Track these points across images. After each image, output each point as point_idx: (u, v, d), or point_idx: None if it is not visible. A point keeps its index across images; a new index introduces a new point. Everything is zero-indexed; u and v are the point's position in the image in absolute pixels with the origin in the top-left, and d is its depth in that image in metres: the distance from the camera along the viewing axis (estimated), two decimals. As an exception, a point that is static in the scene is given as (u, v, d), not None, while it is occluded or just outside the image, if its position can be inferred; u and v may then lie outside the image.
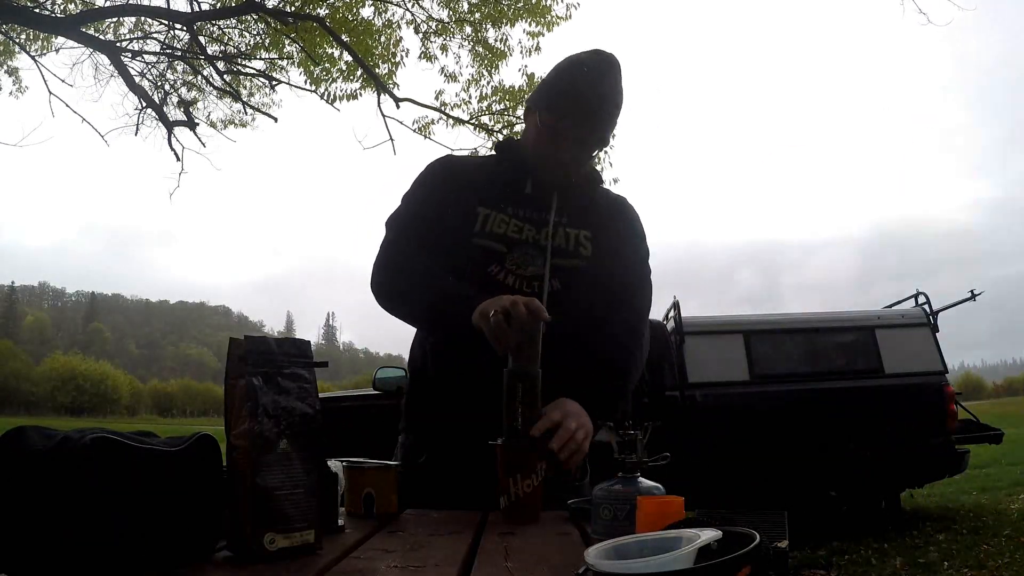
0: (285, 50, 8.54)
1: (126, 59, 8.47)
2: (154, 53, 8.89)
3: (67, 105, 8.56)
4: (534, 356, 1.27)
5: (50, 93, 8.48)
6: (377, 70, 8.37)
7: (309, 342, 1.02)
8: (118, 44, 8.51)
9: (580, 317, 1.47)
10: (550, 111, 1.53)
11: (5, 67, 9.21)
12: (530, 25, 8.51)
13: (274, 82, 9.04)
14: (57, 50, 8.78)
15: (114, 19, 8.61)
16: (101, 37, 8.48)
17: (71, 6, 8.45)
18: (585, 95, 1.50)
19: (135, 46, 8.80)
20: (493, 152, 1.70)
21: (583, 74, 1.53)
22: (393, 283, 1.54)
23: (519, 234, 1.53)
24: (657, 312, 7.03)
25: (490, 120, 8.88)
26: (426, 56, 8.68)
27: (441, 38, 8.67)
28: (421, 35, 8.58)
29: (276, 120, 9.18)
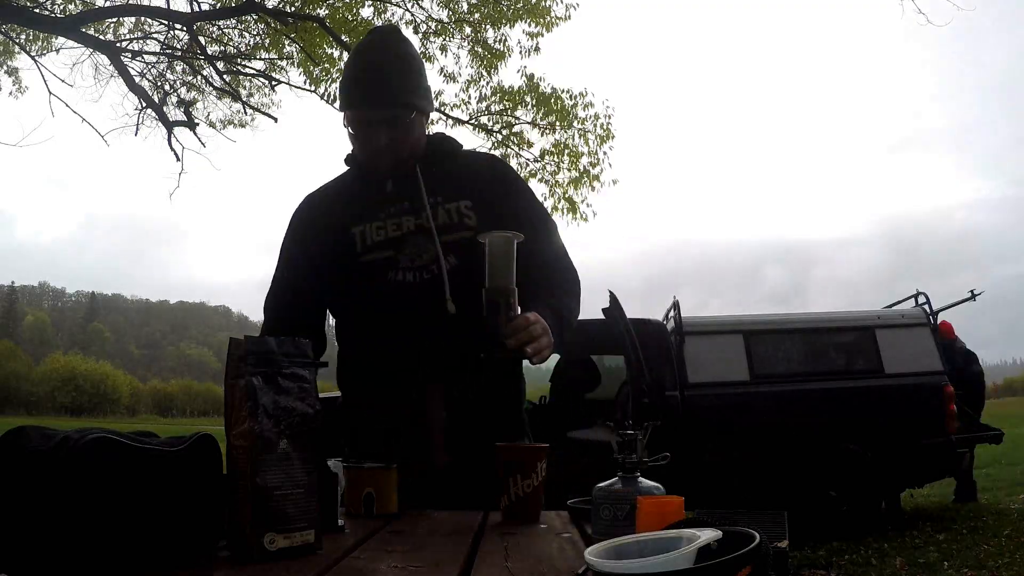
0: (285, 50, 8.53)
1: (126, 59, 8.47)
2: (154, 53, 8.89)
3: (67, 105, 8.56)
4: (510, 274, 1.33)
5: (50, 93, 8.48)
6: (377, 70, 8.34)
7: (309, 342, 1.02)
8: (118, 44, 8.51)
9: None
10: (344, 107, 1.54)
11: (5, 67, 9.20)
12: (529, 25, 8.51)
13: (274, 82, 9.04)
14: (57, 50, 8.78)
15: (114, 19, 8.60)
16: (101, 37, 8.46)
17: (71, 6, 8.44)
18: (359, 76, 1.51)
19: (135, 46, 8.80)
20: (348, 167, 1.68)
21: (355, 60, 1.54)
22: None
23: (399, 230, 1.53)
24: (657, 312, 7.04)
25: (489, 120, 8.88)
26: (425, 56, 8.66)
27: (440, 38, 8.67)
28: (420, 35, 8.58)
29: (276, 120, 9.18)
